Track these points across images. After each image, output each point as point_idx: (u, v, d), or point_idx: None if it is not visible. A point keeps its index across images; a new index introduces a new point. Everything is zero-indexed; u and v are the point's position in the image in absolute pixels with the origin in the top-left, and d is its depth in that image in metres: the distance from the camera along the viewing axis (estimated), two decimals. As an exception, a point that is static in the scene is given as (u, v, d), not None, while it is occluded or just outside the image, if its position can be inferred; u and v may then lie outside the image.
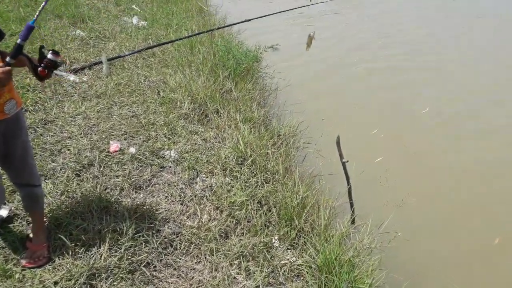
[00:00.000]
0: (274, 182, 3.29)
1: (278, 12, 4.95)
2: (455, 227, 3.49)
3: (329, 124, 4.63)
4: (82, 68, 4.40)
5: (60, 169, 2.88)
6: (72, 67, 4.35)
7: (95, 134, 3.37)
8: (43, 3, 1.83)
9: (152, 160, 3.23)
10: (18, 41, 1.71)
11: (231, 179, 3.24)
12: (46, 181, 2.74)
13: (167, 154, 3.38)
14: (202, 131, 3.86)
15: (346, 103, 5.29)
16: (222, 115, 4.17)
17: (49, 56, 1.80)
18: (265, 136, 3.93)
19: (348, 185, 3.42)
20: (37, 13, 1.79)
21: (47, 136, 3.20)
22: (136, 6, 7.10)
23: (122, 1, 7.15)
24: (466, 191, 3.92)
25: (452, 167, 4.21)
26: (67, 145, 3.15)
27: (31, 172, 2.12)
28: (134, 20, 6.32)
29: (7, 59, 1.68)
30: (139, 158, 3.20)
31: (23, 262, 2.15)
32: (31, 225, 2.31)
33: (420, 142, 4.57)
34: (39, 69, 1.79)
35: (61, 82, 4.08)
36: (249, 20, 5.54)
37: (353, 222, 3.21)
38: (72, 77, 4.20)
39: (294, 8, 5.40)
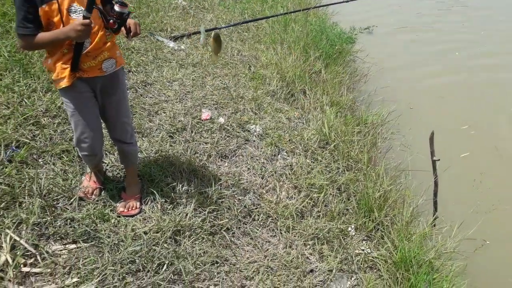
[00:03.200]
0: (356, 171, 3.21)
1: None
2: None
3: (418, 115, 4.40)
4: (181, 36, 4.62)
5: (156, 129, 3.09)
6: (172, 34, 4.59)
7: (189, 101, 3.55)
8: None
9: (238, 132, 3.33)
10: None
11: (311, 161, 3.23)
12: (143, 138, 2.96)
13: (252, 128, 3.45)
14: (287, 110, 3.87)
15: (438, 94, 4.94)
16: (308, 96, 4.13)
17: (116, 8, 1.79)
18: (351, 122, 3.83)
19: (435, 186, 3.23)
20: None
21: (146, 97, 3.44)
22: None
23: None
24: None
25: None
26: (164, 108, 3.36)
27: (124, 129, 2.25)
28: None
29: (84, 13, 1.73)
30: (227, 129, 3.31)
31: (119, 209, 2.36)
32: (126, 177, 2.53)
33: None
34: (110, 21, 1.80)
35: (162, 48, 4.33)
36: (347, 1, 5.34)
37: (434, 224, 3.04)
38: (171, 44, 4.44)
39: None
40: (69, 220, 2.15)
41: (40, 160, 2.47)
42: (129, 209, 2.36)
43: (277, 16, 5.36)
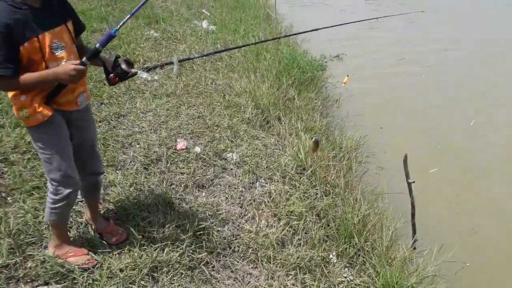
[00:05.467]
0: (334, 196, 3.22)
1: (348, 23, 4.87)
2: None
3: (388, 135, 4.53)
4: (154, 67, 4.59)
5: (130, 162, 3.02)
6: (145, 65, 4.57)
7: (163, 131, 3.50)
8: (128, 15, 1.85)
9: (215, 161, 3.29)
10: (97, 45, 1.74)
11: (290, 188, 3.21)
12: (117, 171, 2.88)
13: (229, 156, 3.43)
14: (263, 137, 3.88)
15: (408, 115, 5.13)
16: (283, 122, 4.17)
17: (123, 66, 1.82)
18: (326, 147, 3.87)
19: (413, 208, 3.27)
20: (120, 24, 1.83)
21: (120, 129, 3.38)
22: (206, 11, 7.34)
23: (193, 5, 7.43)
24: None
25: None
26: (138, 139, 3.30)
27: (99, 159, 2.20)
28: (204, 24, 6.53)
29: (83, 59, 1.74)
30: (203, 158, 3.28)
31: (112, 240, 2.26)
32: (84, 217, 2.38)
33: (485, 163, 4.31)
34: (111, 75, 1.83)
35: (134, 79, 4.29)
36: (317, 30, 5.49)
37: (414, 247, 3.06)
38: (144, 75, 4.41)
39: (363, 20, 5.27)
40: (40, 261, 2.02)
41: (9, 198, 2.34)
42: (118, 236, 2.29)
43: (249, 45, 5.45)
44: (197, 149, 3.38)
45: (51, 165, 1.87)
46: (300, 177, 3.35)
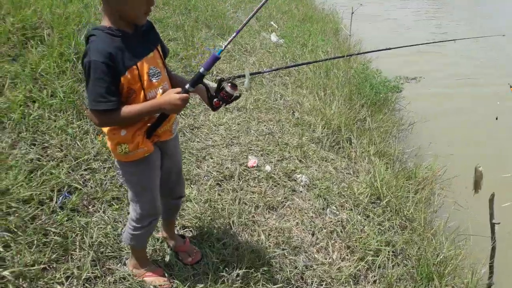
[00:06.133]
0: (411, 231, 3.01)
1: (423, 44, 4.61)
2: None
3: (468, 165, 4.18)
4: (227, 80, 4.62)
5: (204, 176, 3.01)
6: (218, 77, 4.60)
7: (235, 146, 3.48)
8: (234, 34, 1.79)
9: (285, 182, 3.21)
10: (201, 70, 1.67)
11: (363, 218, 3.05)
12: (192, 186, 2.88)
13: (299, 177, 3.33)
14: (333, 159, 3.74)
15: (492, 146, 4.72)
16: (354, 144, 4.01)
17: (227, 89, 1.74)
18: (401, 175, 3.66)
19: (493, 251, 2.98)
20: (225, 44, 1.76)
21: (194, 142, 3.39)
22: (274, 23, 7.34)
23: (262, 17, 7.45)
24: None
25: None
26: (211, 153, 3.29)
27: (183, 183, 2.14)
28: (273, 36, 6.52)
29: (186, 86, 1.65)
30: (273, 177, 3.20)
31: (187, 260, 2.23)
32: (160, 233, 2.35)
33: None
34: (215, 100, 1.75)
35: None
36: (390, 49, 5.27)
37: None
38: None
39: (438, 42, 4.97)
40: (119, 277, 2.03)
41: (90, 207, 2.40)
42: (194, 256, 2.26)
43: (320, 61, 5.35)
44: (268, 168, 3.31)
45: (139, 198, 1.83)
46: (374, 207, 3.18)
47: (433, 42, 5.53)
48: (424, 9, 11.43)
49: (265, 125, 3.95)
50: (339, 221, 2.97)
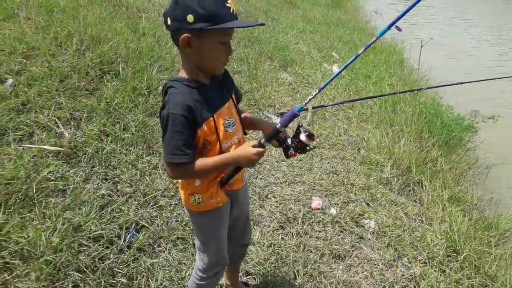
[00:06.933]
0: (496, 293, 2.68)
1: (499, 78, 4.27)
2: None
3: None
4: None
5: (267, 217, 2.91)
6: (280, 111, 4.56)
7: (297, 185, 3.36)
8: (315, 91, 1.67)
9: (352, 228, 3.02)
10: (278, 125, 1.59)
11: (439, 274, 2.77)
12: (255, 227, 2.79)
13: (366, 223, 3.13)
14: (403, 203, 3.49)
15: None
16: (426, 187, 3.72)
17: (302, 138, 1.61)
18: (480, 225, 3.32)
19: None
20: (306, 101, 1.62)
21: (257, 179, 3.32)
22: (335, 54, 7.24)
23: (323, 47, 7.39)
24: None
25: None
26: (273, 192, 3.20)
27: (250, 231, 2.07)
28: (334, 68, 6.41)
29: (262, 140, 1.59)
30: (339, 222, 3.03)
31: None
32: (224, 280, 2.28)
33: None
34: (291, 151, 1.64)
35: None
36: (462, 83, 4.94)
37: None
38: (278, 120, 4.38)
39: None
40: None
41: (156, 247, 2.38)
42: None
43: (386, 96, 5.13)
44: (333, 211, 3.15)
45: (207, 247, 1.79)
46: (451, 262, 2.88)
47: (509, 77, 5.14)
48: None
49: (328, 163, 3.80)
50: (412, 275, 2.72)
